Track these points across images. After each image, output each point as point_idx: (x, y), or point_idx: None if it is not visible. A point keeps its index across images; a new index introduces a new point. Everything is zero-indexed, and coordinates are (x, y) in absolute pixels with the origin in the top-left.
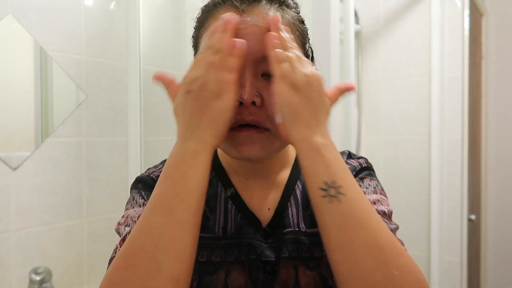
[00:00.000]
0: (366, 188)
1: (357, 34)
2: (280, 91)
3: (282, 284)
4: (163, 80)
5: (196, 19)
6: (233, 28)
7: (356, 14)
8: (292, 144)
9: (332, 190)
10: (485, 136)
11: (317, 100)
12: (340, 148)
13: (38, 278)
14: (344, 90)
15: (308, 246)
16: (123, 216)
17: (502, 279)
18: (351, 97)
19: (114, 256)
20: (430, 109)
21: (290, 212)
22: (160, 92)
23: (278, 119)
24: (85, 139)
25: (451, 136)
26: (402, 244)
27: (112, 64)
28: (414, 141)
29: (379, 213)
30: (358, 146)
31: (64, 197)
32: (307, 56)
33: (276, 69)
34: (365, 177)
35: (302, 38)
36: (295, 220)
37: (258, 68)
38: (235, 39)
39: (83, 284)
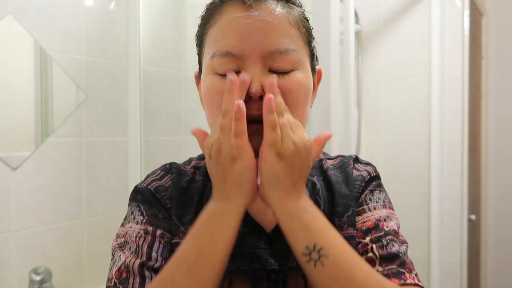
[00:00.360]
0: (376, 202)
1: (357, 34)
2: (266, 159)
3: None
4: (197, 135)
5: (200, 17)
6: (237, 89)
7: (356, 14)
8: (269, 206)
9: (314, 254)
10: (485, 136)
11: (300, 168)
12: (341, 149)
13: (38, 278)
14: (324, 142)
15: None
16: (122, 225)
17: (502, 279)
18: (351, 97)
19: (108, 287)
20: (430, 109)
21: None
22: (160, 92)
23: (258, 181)
24: (85, 139)
25: (451, 136)
26: (406, 242)
27: (112, 64)
28: (414, 141)
29: (390, 233)
30: (358, 146)
31: (64, 197)
32: (312, 54)
33: (267, 136)
34: (374, 190)
35: (308, 36)
36: None
37: (266, 63)
38: (238, 102)
39: (83, 284)
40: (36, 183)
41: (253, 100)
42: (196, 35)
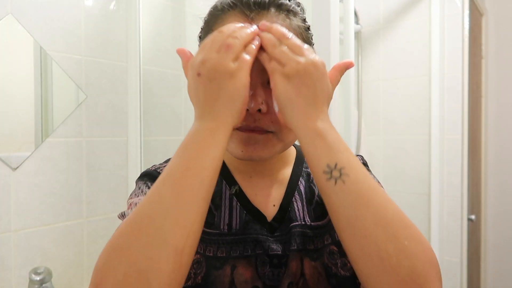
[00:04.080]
0: None
1: (357, 34)
2: (274, 83)
3: (291, 276)
4: (183, 55)
5: (203, 20)
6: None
7: (356, 14)
8: (292, 129)
9: (335, 172)
10: (485, 136)
11: (313, 87)
12: None
13: (38, 278)
14: (344, 69)
15: (312, 238)
16: (128, 203)
17: (502, 279)
18: (351, 97)
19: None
20: (430, 109)
21: (295, 206)
22: (160, 92)
23: (276, 108)
24: (85, 139)
25: (451, 136)
26: None
27: (112, 64)
28: (414, 141)
29: None
30: (358, 146)
31: (64, 197)
32: None
33: (267, 67)
34: None
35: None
36: (301, 214)
37: (264, 76)
38: (253, 26)
39: (83, 284)
40: (36, 183)
41: (251, 113)
42: (199, 36)
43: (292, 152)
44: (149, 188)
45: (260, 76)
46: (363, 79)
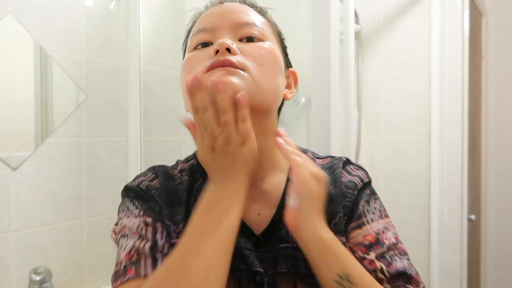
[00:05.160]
0: (373, 213)
1: (357, 34)
2: (303, 177)
3: None
4: (192, 129)
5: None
6: (203, 83)
7: (356, 14)
8: (298, 234)
9: (345, 282)
10: (485, 135)
11: (323, 196)
12: (340, 149)
13: (38, 278)
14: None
15: (305, 262)
16: (117, 224)
17: (502, 279)
18: (351, 97)
19: (118, 270)
20: (430, 109)
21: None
22: (160, 92)
23: (294, 203)
24: (85, 139)
25: (451, 136)
26: (405, 252)
27: (112, 64)
28: (414, 141)
29: (390, 248)
30: (358, 146)
31: (64, 197)
32: (285, 53)
33: (293, 159)
34: (370, 199)
35: (279, 33)
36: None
37: (236, 34)
38: (237, 96)
39: (83, 284)
40: (36, 183)
41: (221, 52)
42: (183, 44)
43: (282, 158)
44: (137, 207)
45: (230, 32)
46: (363, 79)
